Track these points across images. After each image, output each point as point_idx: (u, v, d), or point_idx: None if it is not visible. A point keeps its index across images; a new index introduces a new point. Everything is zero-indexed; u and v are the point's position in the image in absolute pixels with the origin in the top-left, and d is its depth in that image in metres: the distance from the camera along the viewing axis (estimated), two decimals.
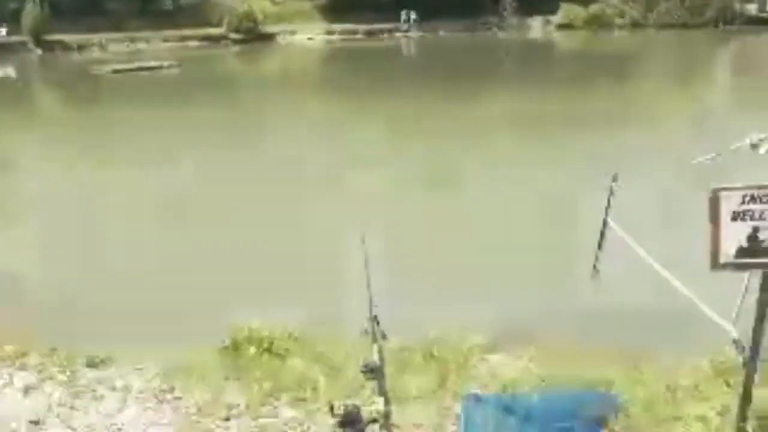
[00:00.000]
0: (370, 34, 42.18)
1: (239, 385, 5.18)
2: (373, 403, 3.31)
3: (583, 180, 10.30)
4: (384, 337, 3.73)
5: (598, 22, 40.05)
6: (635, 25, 39.88)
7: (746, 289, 4.42)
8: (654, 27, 39.29)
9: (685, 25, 38.08)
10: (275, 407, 4.96)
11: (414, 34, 42.03)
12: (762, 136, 4.65)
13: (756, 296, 3.96)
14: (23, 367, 5.68)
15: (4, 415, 4.94)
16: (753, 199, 4.02)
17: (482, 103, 20.13)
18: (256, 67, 35.54)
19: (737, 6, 40.42)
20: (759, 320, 4.15)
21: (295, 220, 9.81)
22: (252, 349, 5.61)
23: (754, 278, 4.24)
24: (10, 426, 4.93)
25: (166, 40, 39.35)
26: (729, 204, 4.00)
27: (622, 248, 7.05)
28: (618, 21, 40.18)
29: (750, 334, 4.01)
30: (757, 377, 4.09)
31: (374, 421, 3.18)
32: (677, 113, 18.23)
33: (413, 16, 42.54)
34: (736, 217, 4.01)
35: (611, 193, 7.12)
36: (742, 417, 4.20)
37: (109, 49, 37.77)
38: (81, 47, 37.43)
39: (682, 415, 4.61)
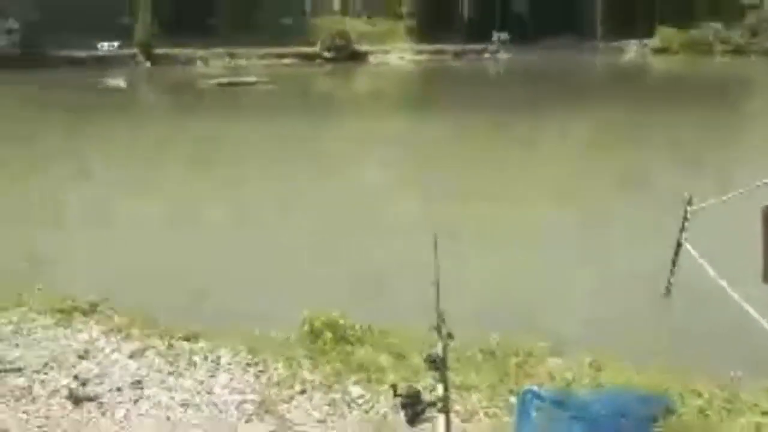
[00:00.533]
0: (458, 54, 42.70)
1: (315, 363, 5.73)
2: (434, 389, 3.75)
3: (662, 201, 10.32)
4: (450, 336, 4.19)
5: (698, 48, 38.69)
6: (737, 51, 38.27)
7: None
8: (757, 53, 37.62)
9: None
10: (345, 386, 5.47)
11: (503, 55, 42.16)
12: None
13: None
14: (129, 337, 6.45)
15: (112, 377, 5.69)
16: None
17: (567, 122, 20.11)
18: (346, 85, 36.82)
19: None
20: None
21: (387, 224, 10.38)
22: (328, 335, 6.15)
23: None
24: (117, 385, 5.67)
25: (263, 57, 41.37)
26: None
27: (695, 269, 7.17)
28: (720, 47, 38.62)
29: None
30: None
31: (433, 404, 3.61)
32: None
33: (503, 37, 42.74)
34: None
35: (685, 216, 7.27)
36: None
37: (211, 64, 40.16)
38: (186, 61, 40.00)
39: (736, 424, 4.75)
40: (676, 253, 8.00)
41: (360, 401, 5.33)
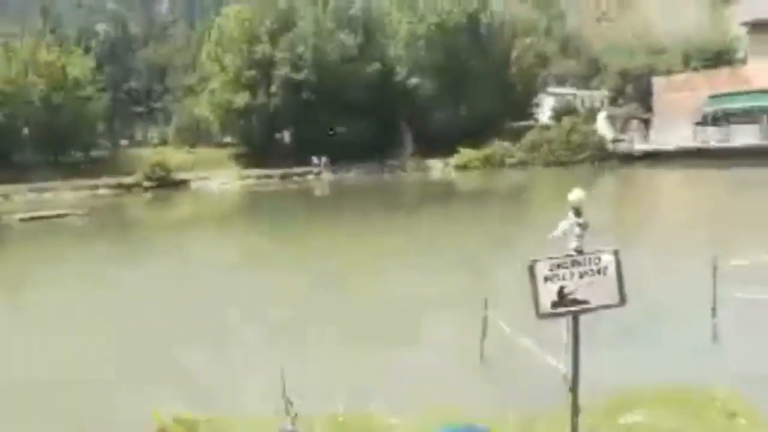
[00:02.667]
0: (284, 177, 44.77)
1: None
2: None
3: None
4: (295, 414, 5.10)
5: (491, 162, 44.84)
6: (523, 163, 44.92)
7: (568, 330, 5.95)
8: (540, 164, 44.28)
9: (564, 163, 43.18)
10: None
11: (326, 177, 44.97)
12: (565, 227, 6.42)
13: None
14: None
15: None
16: (558, 266, 5.67)
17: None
18: (165, 212, 36.56)
19: (610, 146, 46.42)
20: (574, 354, 5.67)
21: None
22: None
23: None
24: None
25: (76, 189, 40.08)
26: (542, 270, 5.64)
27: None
28: (508, 161, 45.20)
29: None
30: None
31: None
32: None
33: (324, 159, 45.74)
34: (547, 279, 5.64)
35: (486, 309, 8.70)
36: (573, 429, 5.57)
37: (15, 200, 38.05)
38: None
39: None
40: (484, 325, 9.41)
41: None
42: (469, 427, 6.12)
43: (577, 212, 6.30)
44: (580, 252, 5.56)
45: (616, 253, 5.60)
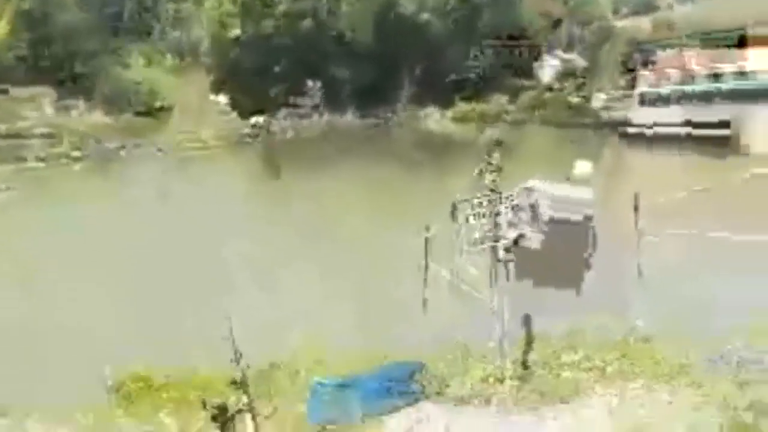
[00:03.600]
0: (219, 139, 43.87)
1: (126, 409, 6.42)
2: (239, 402, 5.01)
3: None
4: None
5: (487, 118, 45.21)
6: (519, 121, 45.21)
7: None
8: (537, 123, 45.01)
9: (564, 125, 43.99)
10: (159, 418, 6.26)
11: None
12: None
13: None
14: None
15: None
16: (479, 204, 6.23)
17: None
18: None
19: (606, 114, 47.20)
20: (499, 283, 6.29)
21: None
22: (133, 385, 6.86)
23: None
24: None
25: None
26: (464, 210, 6.20)
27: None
28: (505, 117, 45.64)
29: None
30: None
31: (239, 411, 4.85)
32: None
33: (261, 120, 44.82)
34: (469, 218, 6.18)
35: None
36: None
37: None
38: None
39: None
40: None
41: (173, 428, 6.14)
42: (406, 364, 6.68)
43: (489, 154, 6.70)
44: (494, 191, 6.12)
45: (529, 191, 6.24)
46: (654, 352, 6.70)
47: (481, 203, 5.94)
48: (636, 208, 10.31)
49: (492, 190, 6.20)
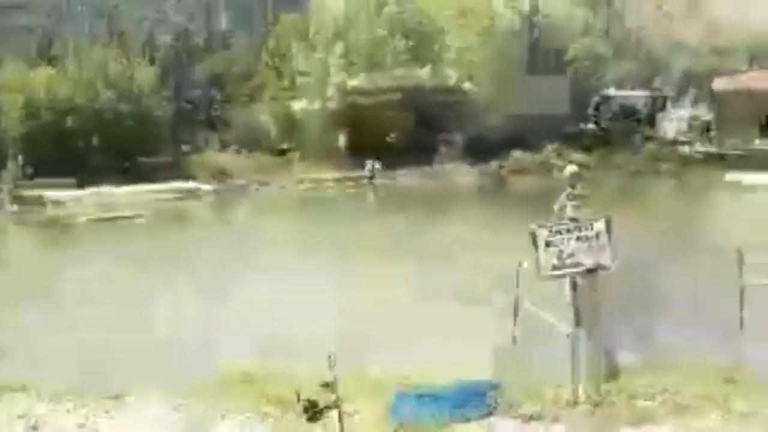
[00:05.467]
0: (338, 181, 46.37)
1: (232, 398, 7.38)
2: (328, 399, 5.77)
3: None
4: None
5: (545, 167, 45.19)
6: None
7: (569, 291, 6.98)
8: (595, 168, 44.28)
9: (622, 166, 43.16)
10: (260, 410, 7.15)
11: (377, 181, 46.34)
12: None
13: None
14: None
15: None
16: (557, 232, 6.76)
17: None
18: (226, 213, 38.72)
19: (670, 148, 46.02)
20: (575, 309, 6.72)
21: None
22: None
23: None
24: None
25: (141, 194, 42.62)
26: (542, 236, 6.74)
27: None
28: (560, 165, 45.24)
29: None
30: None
31: (328, 407, 5.62)
32: None
33: (377, 165, 47.17)
34: (548, 244, 6.73)
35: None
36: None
37: (84, 203, 40.86)
38: (57, 202, 40.37)
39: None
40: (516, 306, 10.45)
41: (270, 417, 6.99)
42: (482, 382, 7.15)
43: (572, 185, 7.33)
44: (574, 219, 6.59)
45: (608, 220, 6.65)
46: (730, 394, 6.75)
47: (559, 231, 6.44)
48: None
49: (572, 219, 6.68)
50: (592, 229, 6.37)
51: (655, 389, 6.87)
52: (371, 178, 47.00)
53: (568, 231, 6.36)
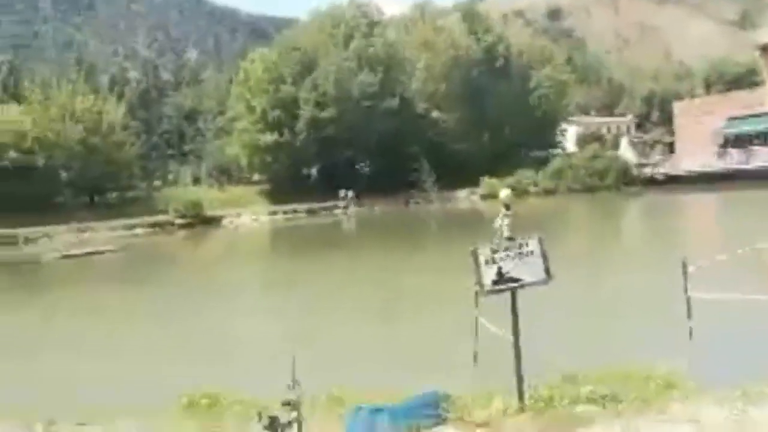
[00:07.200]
0: (311, 212, 46.68)
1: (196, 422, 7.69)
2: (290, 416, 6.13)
3: None
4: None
5: (516, 191, 46.02)
6: (547, 191, 46.23)
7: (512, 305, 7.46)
8: (564, 192, 45.56)
9: (590, 189, 44.39)
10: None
11: (352, 211, 46.81)
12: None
13: None
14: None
15: None
16: (495, 251, 7.23)
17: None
18: (198, 248, 38.75)
19: (634, 170, 47.52)
20: (514, 325, 7.19)
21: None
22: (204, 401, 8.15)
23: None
24: None
25: (113, 229, 42.55)
26: (483, 255, 7.21)
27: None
28: (532, 189, 46.54)
29: None
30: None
31: (289, 423, 6.01)
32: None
33: (350, 194, 47.67)
34: (487, 262, 7.19)
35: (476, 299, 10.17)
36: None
37: (55, 239, 40.55)
38: (28, 239, 40.10)
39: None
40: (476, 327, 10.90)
41: None
42: (434, 393, 7.56)
43: (507, 207, 7.86)
44: (511, 239, 7.11)
45: (540, 239, 7.18)
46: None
47: (497, 250, 6.93)
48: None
49: (509, 238, 7.19)
50: (527, 246, 6.90)
51: (598, 394, 7.34)
52: (345, 207, 47.45)
53: (506, 249, 6.89)
